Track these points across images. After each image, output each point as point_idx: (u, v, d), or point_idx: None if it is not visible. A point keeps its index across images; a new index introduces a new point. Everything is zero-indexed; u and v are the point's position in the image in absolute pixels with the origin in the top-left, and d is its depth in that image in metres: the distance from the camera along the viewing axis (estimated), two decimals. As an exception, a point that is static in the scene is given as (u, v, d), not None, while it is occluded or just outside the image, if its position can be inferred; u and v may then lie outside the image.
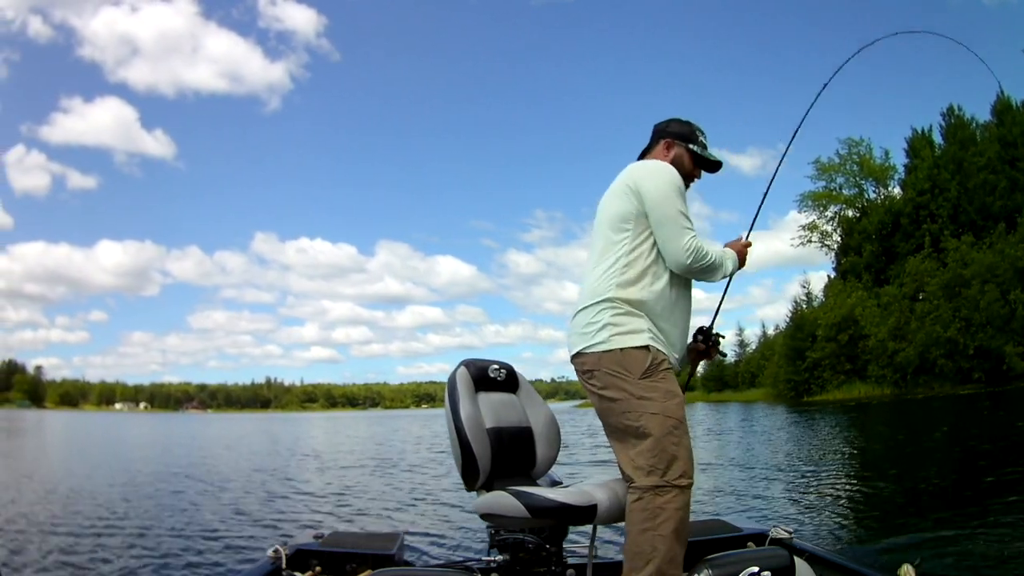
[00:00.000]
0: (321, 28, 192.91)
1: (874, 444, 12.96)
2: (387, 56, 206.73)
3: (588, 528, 2.29)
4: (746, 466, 9.96)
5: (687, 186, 2.39)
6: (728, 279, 2.43)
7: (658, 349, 2.21)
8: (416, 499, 7.88)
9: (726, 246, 2.45)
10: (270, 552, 2.61)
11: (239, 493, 8.62)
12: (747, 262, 2.46)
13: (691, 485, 2.11)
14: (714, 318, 2.57)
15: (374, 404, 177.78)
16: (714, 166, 2.50)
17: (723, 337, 2.53)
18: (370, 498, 8.23)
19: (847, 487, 7.66)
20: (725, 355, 2.65)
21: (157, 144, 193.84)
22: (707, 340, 2.50)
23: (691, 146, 2.45)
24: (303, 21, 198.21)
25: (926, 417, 18.23)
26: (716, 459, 11.13)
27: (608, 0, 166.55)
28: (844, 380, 36.93)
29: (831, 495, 7.15)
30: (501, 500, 2.21)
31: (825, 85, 2.92)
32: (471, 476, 2.36)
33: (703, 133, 2.49)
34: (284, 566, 2.55)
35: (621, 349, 2.16)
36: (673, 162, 2.40)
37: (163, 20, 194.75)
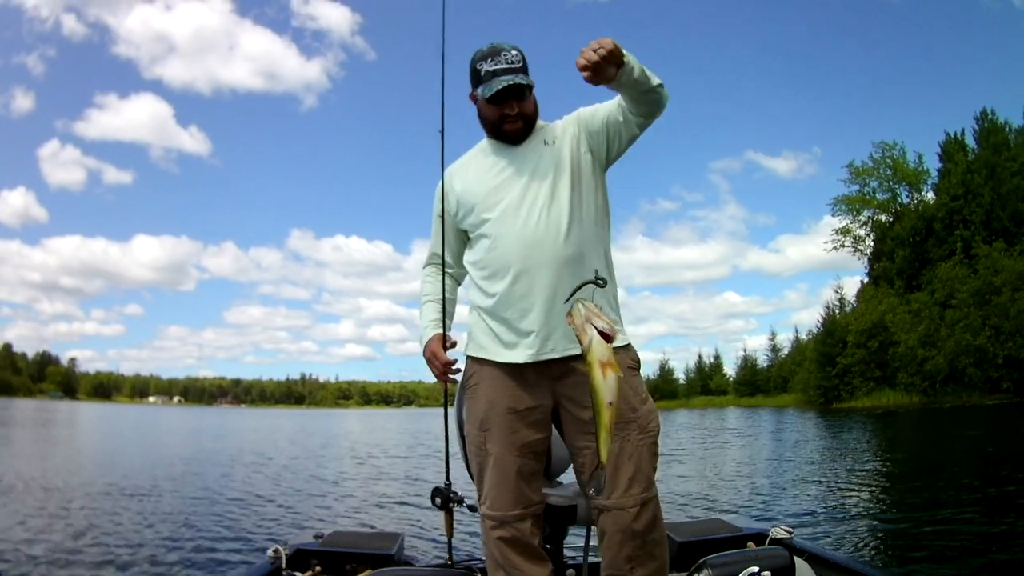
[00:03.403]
0: (356, 27, 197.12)
1: (892, 452, 12.91)
2: (422, 54, 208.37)
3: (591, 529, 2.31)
4: (754, 468, 10.20)
5: (520, 132, 1.90)
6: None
7: (473, 358, 2.03)
8: (419, 498, 7.89)
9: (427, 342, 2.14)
10: (270, 552, 2.59)
11: (241, 492, 8.60)
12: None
13: (506, 522, 1.86)
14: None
15: (408, 402, 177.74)
16: (504, 93, 1.83)
17: None
18: (371, 496, 8.29)
19: (854, 490, 7.72)
20: None
21: (193, 140, 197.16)
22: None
23: (477, 89, 1.89)
24: (338, 19, 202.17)
25: (950, 427, 17.98)
26: (724, 461, 11.42)
27: (643, 0, 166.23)
28: (873, 387, 36.68)
29: (837, 497, 7.22)
30: None
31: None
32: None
33: (488, 57, 1.85)
34: (284, 566, 2.53)
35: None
36: (481, 117, 1.96)
37: (198, 18, 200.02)
